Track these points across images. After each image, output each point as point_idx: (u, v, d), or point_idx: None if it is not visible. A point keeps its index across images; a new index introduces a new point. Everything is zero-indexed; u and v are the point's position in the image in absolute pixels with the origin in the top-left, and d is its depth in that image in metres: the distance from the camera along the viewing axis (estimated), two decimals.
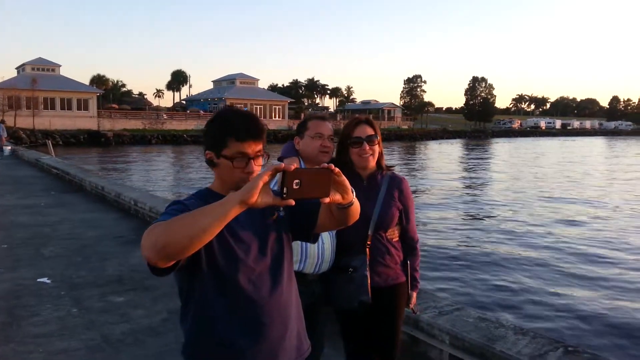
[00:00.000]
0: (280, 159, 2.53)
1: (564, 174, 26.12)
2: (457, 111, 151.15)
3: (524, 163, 34.51)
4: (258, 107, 68.50)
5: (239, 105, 60.09)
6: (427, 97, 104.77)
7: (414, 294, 2.62)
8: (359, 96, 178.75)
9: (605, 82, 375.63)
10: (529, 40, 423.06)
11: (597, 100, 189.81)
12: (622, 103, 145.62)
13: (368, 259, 2.32)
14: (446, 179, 23.33)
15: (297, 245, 2.31)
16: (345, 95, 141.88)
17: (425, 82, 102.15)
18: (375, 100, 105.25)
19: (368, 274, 2.20)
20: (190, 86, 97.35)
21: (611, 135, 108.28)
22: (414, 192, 18.69)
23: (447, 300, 3.77)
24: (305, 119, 2.58)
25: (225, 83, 76.03)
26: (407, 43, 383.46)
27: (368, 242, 2.40)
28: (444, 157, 39.86)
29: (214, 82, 79.61)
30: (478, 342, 3.03)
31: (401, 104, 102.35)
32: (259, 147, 1.54)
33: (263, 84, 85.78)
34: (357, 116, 2.62)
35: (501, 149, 54.80)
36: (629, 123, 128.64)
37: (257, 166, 1.54)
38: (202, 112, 65.37)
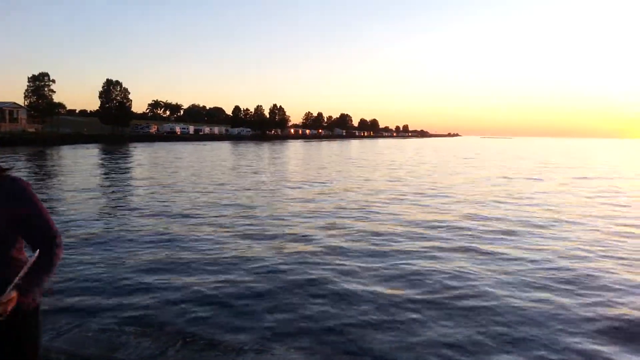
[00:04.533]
0: None
1: (198, 176, 28.34)
2: (92, 114, 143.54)
3: (165, 166, 35.63)
4: None
5: None
6: (57, 98, 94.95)
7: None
8: None
9: (228, 93, 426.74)
10: (155, 49, 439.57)
11: (223, 108, 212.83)
12: (242, 112, 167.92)
13: None
14: (82, 188, 21.80)
15: None
16: None
17: (54, 81, 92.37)
18: None
19: None
20: None
21: (236, 140, 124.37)
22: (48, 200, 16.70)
23: (67, 319, 3.52)
24: None
25: None
26: (30, 40, 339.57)
27: None
28: (80, 164, 37.05)
29: None
30: (97, 355, 2.95)
31: (26, 104, 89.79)
32: None
33: None
34: None
35: (141, 153, 55.01)
36: (249, 129, 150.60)
37: None
38: None
